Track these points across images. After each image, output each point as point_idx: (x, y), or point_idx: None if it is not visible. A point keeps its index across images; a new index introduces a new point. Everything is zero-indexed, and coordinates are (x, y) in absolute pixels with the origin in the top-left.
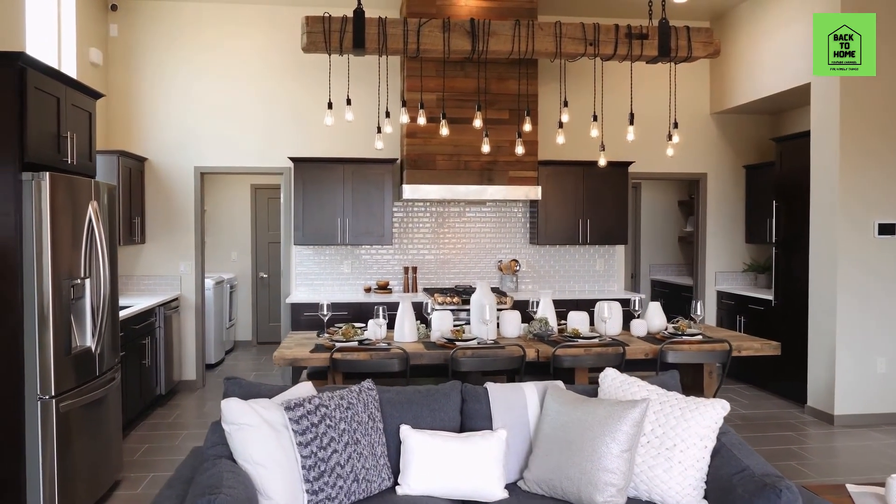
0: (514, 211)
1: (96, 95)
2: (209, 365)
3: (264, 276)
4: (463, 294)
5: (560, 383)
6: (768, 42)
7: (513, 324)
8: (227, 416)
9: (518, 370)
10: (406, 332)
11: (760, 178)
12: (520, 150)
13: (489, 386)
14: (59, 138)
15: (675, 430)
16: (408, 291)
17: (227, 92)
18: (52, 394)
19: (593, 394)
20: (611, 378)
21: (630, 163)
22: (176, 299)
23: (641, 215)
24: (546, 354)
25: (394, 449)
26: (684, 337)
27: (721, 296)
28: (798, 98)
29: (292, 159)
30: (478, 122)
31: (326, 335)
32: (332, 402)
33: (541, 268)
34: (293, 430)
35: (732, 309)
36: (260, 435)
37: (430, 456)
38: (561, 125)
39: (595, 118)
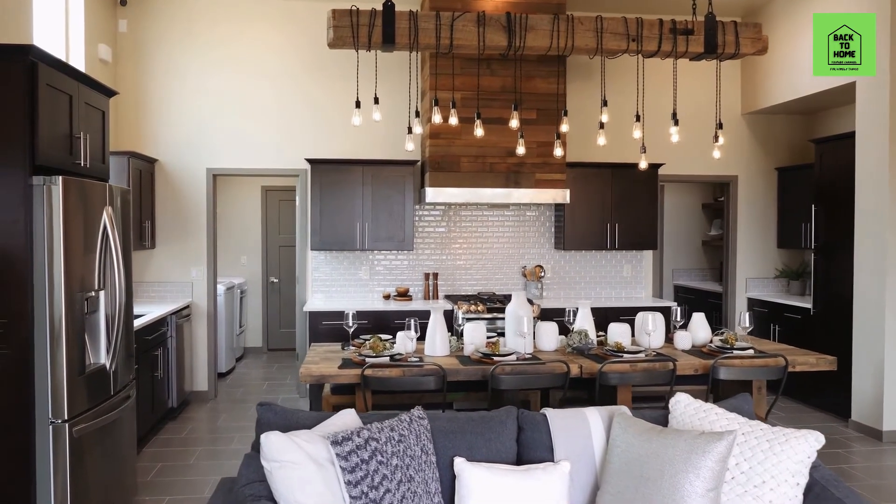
0: (537, 215)
1: (110, 93)
2: (220, 374)
3: (275, 280)
4: (488, 302)
5: (626, 409)
6: (807, 39)
7: (550, 336)
8: (268, 452)
9: (562, 387)
10: (438, 345)
11: (794, 181)
12: (559, 151)
13: (548, 412)
14: (71, 139)
15: (762, 465)
16: (428, 299)
17: (240, 90)
18: (65, 417)
19: (662, 421)
20: (683, 404)
21: (660, 165)
22: (187, 307)
23: (664, 218)
24: (590, 371)
25: (447, 483)
26: (735, 352)
27: (752, 303)
28: (836, 98)
29: (309, 161)
30: (514, 123)
31: (352, 348)
32: (382, 434)
33: (566, 274)
34: (341, 467)
35: (765, 317)
36: (305, 474)
37: (487, 492)
38: (602, 125)
39: (638, 118)
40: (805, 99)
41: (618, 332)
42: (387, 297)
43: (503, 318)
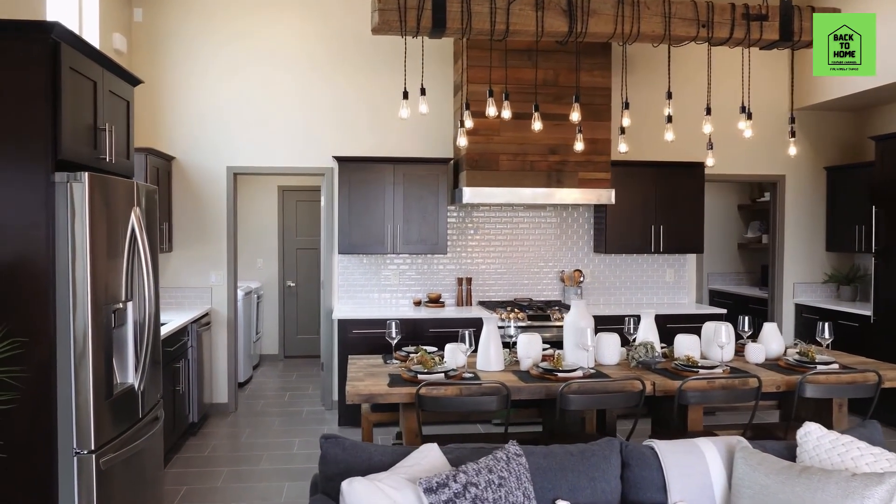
0: (575, 216)
1: (135, 81)
2: (238, 384)
3: (292, 284)
4: (527, 309)
5: (746, 442)
6: None
7: (612, 349)
8: (351, 503)
9: (635, 407)
10: (492, 359)
11: (846, 181)
12: (623, 147)
13: (657, 445)
14: (95, 131)
15: None
16: (461, 305)
17: (262, 84)
18: (92, 447)
19: (787, 455)
20: (815, 436)
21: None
22: (207, 314)
23: None
24: (665, 388)
25: None
26: (819, 367)
27: (801, 309)
28: (890, 93)
29: (337, 158)
30: (575, 116)
31: (396, 361)
32: (481, 477)
33: (605, 279)
34: None
35: (815, 324)
36: None
37: None
38: (670, 119)
39: (708, 111)
40: (862, 94)
41: (686, 345)
42: (417, 303)
43: (544, 327)
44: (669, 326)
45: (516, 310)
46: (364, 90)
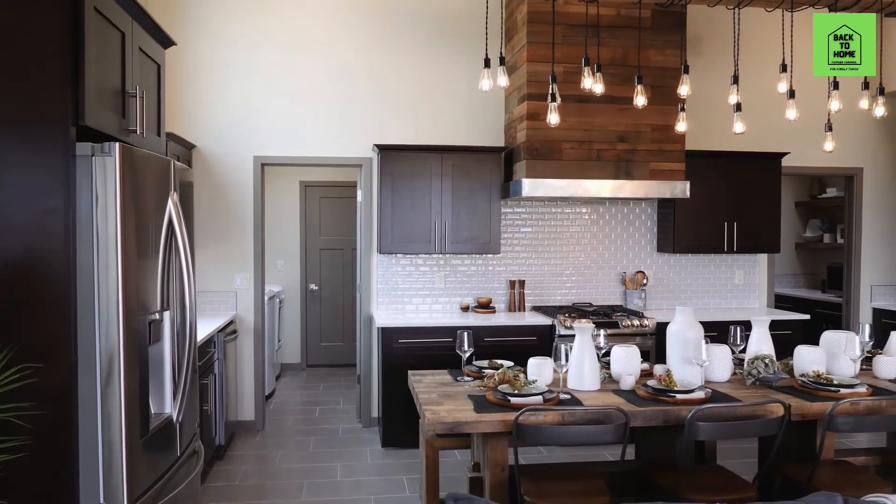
0: (637, 213)
1: (167, 42)
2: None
3: (314, 288)
4: (591, 315)
5: None
6: None
7: (723, 363)
8: None
9: (774, 437)
10: (586, 376)
11: None
12: (739, 126)
13: (874, 502)
14: (123, 95)
15: None
16: (513, 311)
17: (293, 66)
18: (124, 502)
19: None
20: None
21: (784, 154)
22: (232, 321)
23: None
24: (802, 412)
25: None
26: None
27: (880, 314)
28: None
29: (379, 147)
30: (684, 90)
31: (468, 379)
32: None
33: (670, 281)
34: None
35: None
36: None
37: None
38: (792, 94)
39: (836, 86)
40: None
41: (811, 358)
42: (465, 308)
43: (612, 336)
44: (746, 334)
45: (582, 316)
46: (406, 72)
